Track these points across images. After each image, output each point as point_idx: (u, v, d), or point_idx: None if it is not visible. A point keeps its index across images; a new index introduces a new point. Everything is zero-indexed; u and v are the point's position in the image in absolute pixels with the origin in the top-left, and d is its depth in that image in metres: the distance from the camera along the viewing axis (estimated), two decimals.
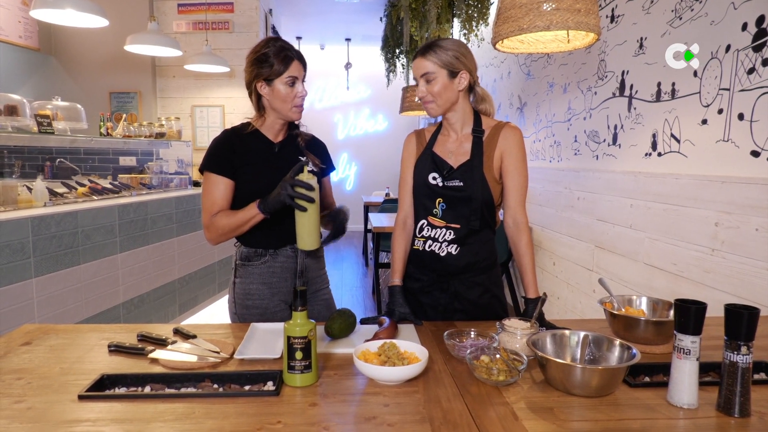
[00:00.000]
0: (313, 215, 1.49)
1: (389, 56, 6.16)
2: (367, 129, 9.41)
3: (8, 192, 2.62)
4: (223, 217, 1.57)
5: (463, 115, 1.61)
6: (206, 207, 1.60)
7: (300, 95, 1.60)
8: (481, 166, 1.56)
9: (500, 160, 1.58)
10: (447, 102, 1.57)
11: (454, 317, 1.62)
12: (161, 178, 4.16)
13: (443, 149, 1.63)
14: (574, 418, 0.97)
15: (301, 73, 1.60)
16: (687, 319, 1.00)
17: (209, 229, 1.59)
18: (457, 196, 1.56)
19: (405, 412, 0.98)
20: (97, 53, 5.58)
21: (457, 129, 1.62)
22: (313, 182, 1.46)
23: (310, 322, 1.11)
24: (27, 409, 0.98)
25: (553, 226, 3.68)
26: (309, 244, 1.52)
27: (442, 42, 1.55)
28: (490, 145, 1.58)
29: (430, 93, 1.55)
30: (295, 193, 1.44)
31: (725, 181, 2.01)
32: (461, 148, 1.60)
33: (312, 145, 1.75)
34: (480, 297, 1.63)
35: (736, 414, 0.96)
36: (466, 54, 1.56)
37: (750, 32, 1.90)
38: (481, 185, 1.54)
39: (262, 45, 1.58)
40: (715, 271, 2.06)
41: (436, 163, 1.61)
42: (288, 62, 1.56)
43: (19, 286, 2.29)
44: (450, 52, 1.52)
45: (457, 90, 1.56)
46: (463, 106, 1.60)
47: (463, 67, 1.55)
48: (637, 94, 2.63)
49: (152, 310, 3.30)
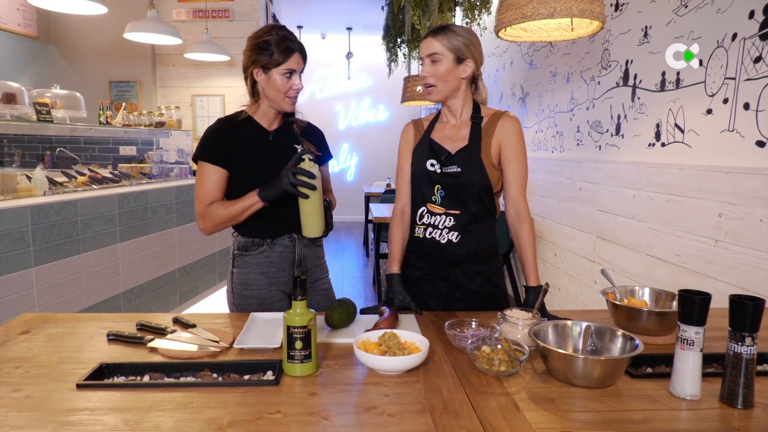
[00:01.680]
0: (316, 203, 1.51)
1: (391, 46, 6.10)
2: (368, 119, 9.36)
3: (8, 181, 2.61)
4: (219, 207, 1.56)
5: (463, 102, 1.61)
6: (200, 197, 1.58)
7: (295, 88, 1.58)
8: (479, 152, 1.56)
9: (498, 149, 1.58)
10: (448, 87, 1.57)
11: (455, 306, 1.62)
12: (161, 167, 4.14)
13: (441, 136, 1.63)
14: (575, 409, 0.96)
15: (300, 66, 1.58)
16: (691, 310, 0.99)
17: (204, 219, 1.58)
18: (455, 182, 1.56)
19: (405, 402, 0.98)
20: (97, 42, 5.54)
21: (456, 115, 1.63)
22: (314, 170, 1.48)
23: (309, 312, 1.10)
24: (25, 398, 0.98)
25: (555, 217, 3.67)
26: (314, 231, 1.55)
27: (455, 27, 1.56)
28: (488, 132, 1.58)
29: (433, 75, 1.55)
30: (297, 181, 1.46)
31: (729, 171, 1.99)
32: (459, 134, 1.61)
33: (308, 132, 1.73)
34: (481, 286, 1.62)
35: (740, 405, 0.95)
36: (476, 44, 1.57)
37: (757, 20, 1.87)
38: (479, 170, 1.54)
39: (266, 31, 1.56)
40: (718, 263, 2.05)
41: (434, 149, 1.62)
42: (288, 54, 1.54)
43: (19, 275, 2.28)
44: (461, 38, 1.53)
45: (460, 77, 1.56)
46: (464, 93, 1.61)
47: (471, 56, 1.55)
48: (641, 83, 2.60)
49: (152, 300, 3.30)
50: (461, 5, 4.52)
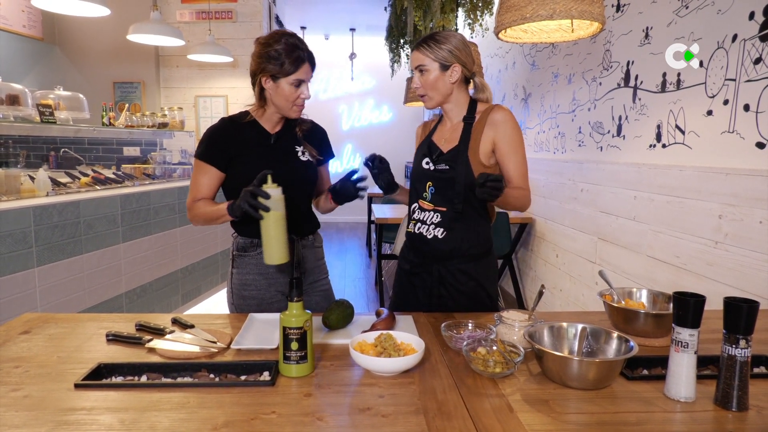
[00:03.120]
0: (273, 227, 1.37)
1: (393, 46, 6.10)
2: (371, 120, 9.37)
3: (11, 181, 2.63)
4: (202, 206, 1.61)
5: (457, 105, 1.66)
6: (192, 190, 1.64)
7: (303, 97, 1.59)
8: (466, 151, 1.59)
9: (491, 145, 1.60)
10: (440, 94, 1.62)
11: (440, 302, 1.66)
12: (164, 168, 4.16)
13: (439, 137, 1.70)
14: (569, 411, 0.96)
15: (309, 76, 1.58)
16: (685, 312, 0.99)
17: (191, 212, 1.64)
18: (443, 179, 1.62)
19: (400, 403, 0.98)
20: (101, 43, 5.57)
21: (452, 117, 1.69)
22: (275, 192, 1.36)
23: (305, 313, 1.10)
24: (23, 397, 0.99)
25: (557, 218, 3.66)
26: (272, 257, 1.39)
27: (438, 35, 1.60)
28: (477, 129, 1.61)
29: (424, 85, 1.61)
30: (254, 202, 1.34)
31: (729, 173, 1.99)
32: (454, 134, 1.66)
33: (311, 132, 1.73)
34: (465, 284, 1.65)
35: (734, 408, 0.95)
36: (461, 48, 1.60)
37: (757, 21, 1.86)
38: (465, 169, 1.58)
39: (276, 39, 1.53)
40: (718, 264, 2.04)
41: (430, 148, 1.69)
42: (299, 65, 1.53)
43: (22, 275, 2.30)
44: (444, 45, 1.58)
45: (449, 82, 1.61)
46: (457, 97, 1.65)
47: (456, 60, 1.59)
48: (642, 84, 2.59)
49: (155, 300, 3.31)
50: (463, 6, 4.52)
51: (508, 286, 4.57)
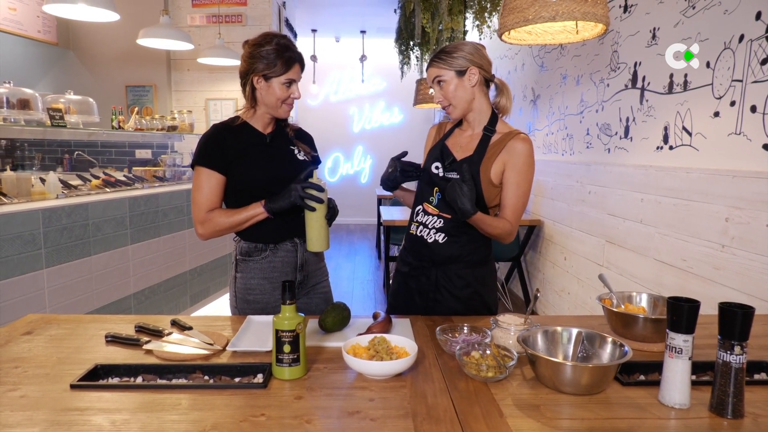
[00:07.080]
0: (322, 218, 1.52)
1: (403, 48, 6.10)
2: (382, 122, 9.36)
3: (22, 184, 2.67)
4: (221, 215, 1.57)
5: (479, 114, 1.63)
6: (199, 203, 1.58)
7: (294, 97, 1.62)
8: (479, 164, 1.57)
9: (502, 168, 1.58)
10: (463, 101, 1.59)
11: (436, 306, 1.66)
12: (174, 170, 4.20)
13: (454, 142, 1.68)
14: (560, 416, 0.95)
15: (299, 76, 1.62)
16: (679, 317, 0.98)
17: (204, 225, 1.58)
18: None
19: (389, 407, 0.98)
20: (114, 48, 5.65)
21: (474, 126, 1.65)
22: (323, 184, 1.51)
23: (298, 316, 1.11)
24: (20, 397, 1.00)
25: (565, 220, 3.63)
26: (319, 245, 1.55)
27: (448, 47, 1.59)
28: (494, 149, 1.58)
29: (444, 96, 1.59)
30: (306, 194, 1.48)
31: (736, 175, 1.96)
32: (470, 144, 1.63)
33: (300, 136, 1.77)
34: (461, 290, 1.64)
35: (729, 415, 0.94)
36: (473, 52, 1.58)
37: (764, 21, 1.83)
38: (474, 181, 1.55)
39: (267, 41, 1.57)
40: (725, 268, 2.01)
41: (443, 153, 1.67)
42: (290, 65, 1.57)
43: (31, 276, 2.34)
44: (456, 53, 1.56)
45: (469, 87, 1.58)
46: (480, 103, 1.62)
47: (471, 63, 1.56)
48: (649, 85, 2.57)
49: (163, 302, 3.35)
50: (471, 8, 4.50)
51: (516, 289, 4.54)
